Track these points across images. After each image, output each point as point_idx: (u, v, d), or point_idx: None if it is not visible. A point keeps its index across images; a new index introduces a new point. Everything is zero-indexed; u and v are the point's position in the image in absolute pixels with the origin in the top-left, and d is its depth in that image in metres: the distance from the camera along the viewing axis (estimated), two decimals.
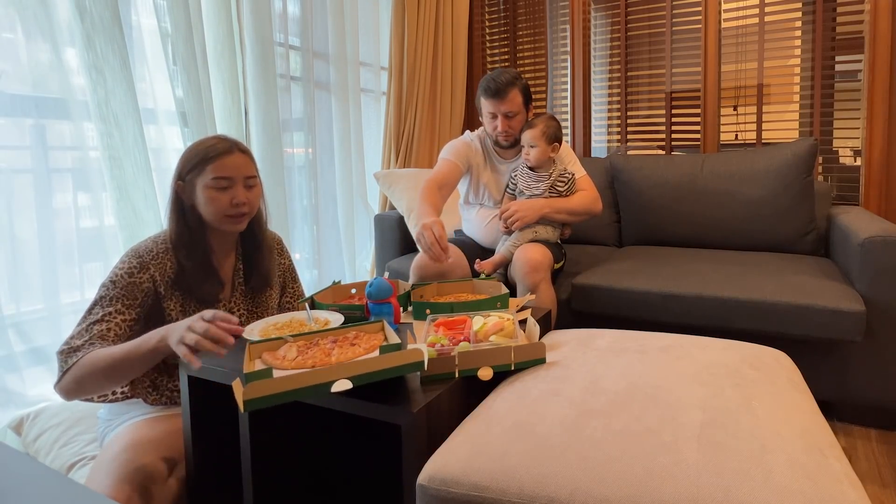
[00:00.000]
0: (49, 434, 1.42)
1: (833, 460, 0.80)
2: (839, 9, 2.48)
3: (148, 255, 1.27)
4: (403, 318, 1.41)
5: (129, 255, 1.26)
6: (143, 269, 1.25)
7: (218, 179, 1.27)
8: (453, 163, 2.03)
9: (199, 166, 1.27)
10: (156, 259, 1.27)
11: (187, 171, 1.29)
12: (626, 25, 2.93)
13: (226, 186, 1.28)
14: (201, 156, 1.28)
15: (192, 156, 1.29)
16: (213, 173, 1.26)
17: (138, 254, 1.26)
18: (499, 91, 1.92)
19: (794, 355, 1.68)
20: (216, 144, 1.29)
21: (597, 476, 0.77)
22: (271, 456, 1.13)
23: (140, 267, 1.25)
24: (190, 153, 1.30)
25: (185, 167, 1.29)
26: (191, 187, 1.29)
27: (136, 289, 1.24)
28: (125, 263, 1.25)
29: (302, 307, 1.47)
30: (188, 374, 1.15)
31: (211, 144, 1.29)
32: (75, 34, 1.60)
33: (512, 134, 2.00)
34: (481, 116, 2.05)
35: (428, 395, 0.97)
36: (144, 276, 1.25)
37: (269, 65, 2.17)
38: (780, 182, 2.18)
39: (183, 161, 1.30)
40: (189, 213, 1.31)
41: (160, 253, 1.29)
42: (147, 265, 1.26)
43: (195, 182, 1.28)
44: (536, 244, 1.89)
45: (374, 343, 1.13)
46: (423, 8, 2.92)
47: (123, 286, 1.23)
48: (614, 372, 1.08)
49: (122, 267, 1.25)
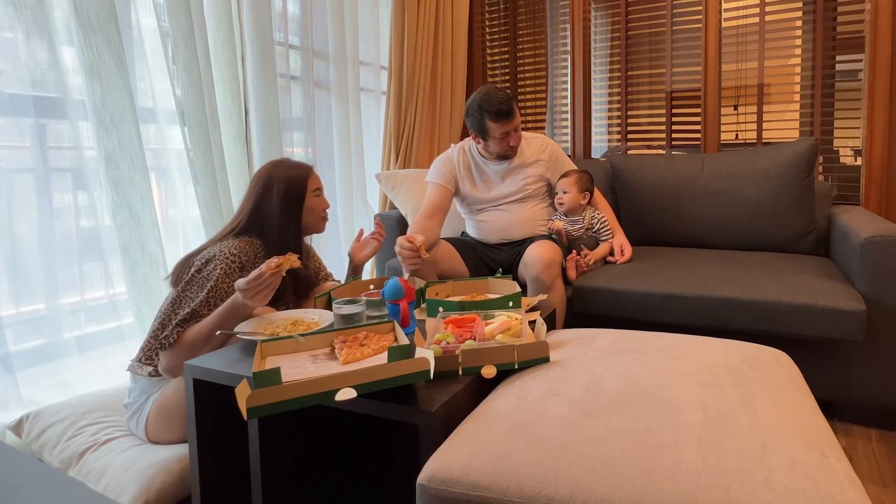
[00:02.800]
0: (54, 429, 1.43)
1: (833, 460, 0.80)
2: (840, 8, 2.48)
3: (244, 256, 1.42)
4: (418, 315, 1.43)
5: (222, 259, 1.38)
6: (241, 269, 1.40)
7: (317, 190, 1.59)
8: (442, 186, 2.10)
9: (303, 184, 1.55)
10: (249, 262, 1.44)
11: (300, 191, 1.54)
12: (626, 25, 2.93)
13: (320, 195, 1.60)
14: (298, 176, 1.55)
15: (292, 179, 1.54)
16: (314, 185, 1.58)
17: (237, 256, 1.41)
18: (510, 112, 1.99)
19: (794, 355, 1.68)
20: (301, 165, 1.59)
21: (597, 476, 0.77)
22: (280, 456, 1.13)
23: (241, 266, 1.40)
24: (289, 179, 1.53)
25: (293, 189, 1.53)
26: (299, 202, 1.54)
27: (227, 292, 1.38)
28: (220, 263, 1.38)
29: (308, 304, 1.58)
30: (193, 377, 1.15)
31: (299, 167, 1.58)
32: (72, 33, 1.60)
33: (518, 144, 2.10)
34: (480, 137, 2.07)
35: (443, 394, 0.97)
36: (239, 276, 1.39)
37: (269, 64, 2.17)
38: (780, 182, 2.18)
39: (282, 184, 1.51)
40: (296, 228, 1.53)
41: (255, 257, 1.46)
42: (245, 265, 1.41)
43: (304, 199, 1.55)
44: (548, 242, 1.92)
45: (384, 344, 1.13)
46: (423, 8, 2.92)
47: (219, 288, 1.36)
48: (614, 372, 1.08)
49: (219, 267, 1.37)
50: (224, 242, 1.43)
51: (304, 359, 1.12)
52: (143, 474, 1.23)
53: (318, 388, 0.92)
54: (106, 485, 1.23)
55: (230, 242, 1.43)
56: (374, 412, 0.97)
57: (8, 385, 1.53)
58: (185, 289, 1.36)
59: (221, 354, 1.20)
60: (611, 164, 2.57)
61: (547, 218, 2.15)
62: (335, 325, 1.27)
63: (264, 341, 1.12)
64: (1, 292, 1.54)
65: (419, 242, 1.65)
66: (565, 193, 2.08)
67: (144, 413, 1.36)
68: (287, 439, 1.16)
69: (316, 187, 1.59)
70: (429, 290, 1.53)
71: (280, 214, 1.51)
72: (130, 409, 1.40)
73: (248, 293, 1.24)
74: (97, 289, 1.75)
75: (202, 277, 1.36)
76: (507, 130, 2.00)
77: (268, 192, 1.51)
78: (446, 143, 3.12)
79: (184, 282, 1.37)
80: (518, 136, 2.06)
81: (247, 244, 1.45)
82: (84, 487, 0.48)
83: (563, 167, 2.17)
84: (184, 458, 1.28)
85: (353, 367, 1.04)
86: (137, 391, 1.39)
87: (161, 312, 1.35)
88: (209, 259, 1.38)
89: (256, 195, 1.52)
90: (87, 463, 1.31)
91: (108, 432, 1.40)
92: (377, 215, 1.87)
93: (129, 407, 1.41)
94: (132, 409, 1.39)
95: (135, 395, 1.40)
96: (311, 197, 1.57)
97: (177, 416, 1.33)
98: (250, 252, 1.45)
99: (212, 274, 1.36)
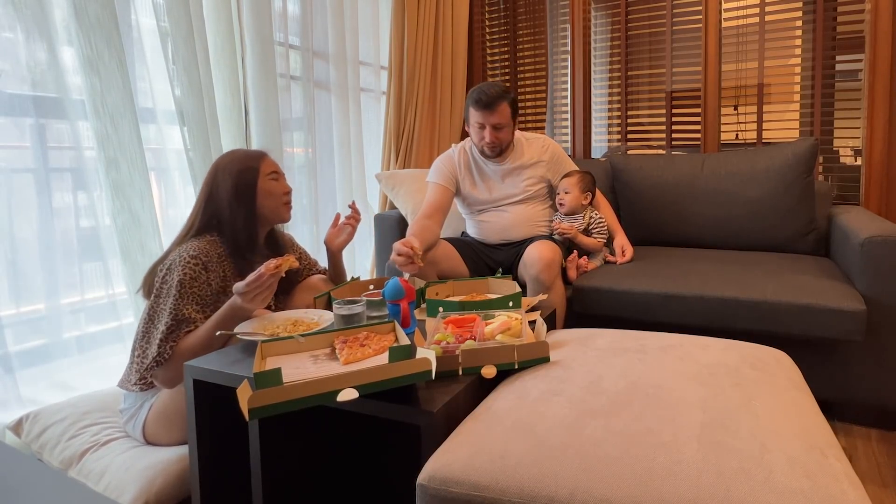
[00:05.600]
0: (54, 429, 1.43)
1: (833, 460, 0.80)
2: (840, 8, 2.48)
3: (205, 256, 1.35)
4: (418, 315, 1.42)
5: (181, 265, 1.32)
6: (205, 270, 1.35)
7: (272, 173, 1.48)
8: (442, 186, 2.09)
9: (253, 169, 1.45)
10: (213, 262, 1.38)
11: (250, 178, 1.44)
12: (626, 25, 2.93)
13: (277, 178, 1.49)
14: (246, 162, 1.46)
15: (236, 167, 1.44)
16: (267, 169, 1.47)
17: (196, 257, 1.34)
18: (489, 103, 1.96)
19: (794, 355, 1.68)
20: (249, 151, 1.50)
21: (597, 476, 0.77)
22: (280, 456, 1.13)
23: (204, 267, 1.35)
24: (232, 166, 1.44)
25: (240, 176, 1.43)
26: (252, 190, 1.44)
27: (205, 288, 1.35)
28: (185, 267, 1.32)
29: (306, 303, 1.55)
30: (193, 377, 1.15)
31: (245, 154, 1.48)
32: (72, 33, 1.60)
33: (498, 145, 2.04)
34: (467, 126, 2.08)
35: (444, 394, 0.97)
36: (204, 277, 1.35)
37: (269, 64, 2.17)
38: (780, 182, 2.18)
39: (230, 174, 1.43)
40: (249, 215, 1.44)
41: (218, 256, 1.40)
42: (206, 265, 1.35)
43: (256, 184, 1.44)
44: (548, 242, 1.92)
45: (385, 344, 1.13)
46: (423, 7, 2.92)
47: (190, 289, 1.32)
48: (614, 372, 1.08)
49: (185, 272, 1.31)
50: (183, 246, 1.37)
51: (304, 359, 1.12)
52: (142, 475, 1.23)
53: (320, 388, 0.91)
54: (106, 485, 1.24)
55: (188, 245, 1.36)
56: (375, 412, 0.97)
57: (8, 385, 1.53)
58: (156, 302, 1.32)
59: (221, 355, 1.20)
60: (611, 164, 2.57)
61: (548, 219, 2.15)
62: (335, 325, 1.27)
63: (265, 342, 1.12)
64: (1, 292, 1.54)
65: (417, 249, 1.57)
66: (567, 193, 2.08)
67: (141, 417, 1.36)
68: (287, 439, 1.16)
69: (271, 171, 1.49)
70: (429, 290, 1.53)
71: (232, 204, 1.42)
72: (126, 415, 1.39)
73: (248, 296, 1.23)
74: (97, 289, 1.75)
75: (168, 288, 1.31)
76: (482, 122, 1.99)
77: (216, 183, 1.44)
78: (446, 143, 3.12)
79: (153, 295, 1.33)
80: (496, 136, 2.00)
81: (207, 243, 1.39)
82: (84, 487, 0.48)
83: (564, 168, 2.16)
84: (183, 459, 1.28)
85: (354, 367, 1.04)
86: (133, 398, 1.39)
87: (140, 331, 1.32)
88: (170, 268, 1.33)
89: (207, 190, 1.45)
90: (88, 463, 1.31)
91: (108, 433, 1.40)
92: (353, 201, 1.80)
93: (125, 412, 1.40)
94: (128, 415, 1.39)
95: (130, 402, 1.39)
96: (266, 180, 1.46)
97: (176, 418, 1.32)
98: (211, 251, 1.39)
99: (174, 282, 1.31)
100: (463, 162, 2.15)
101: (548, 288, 1.80)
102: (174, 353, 1.27)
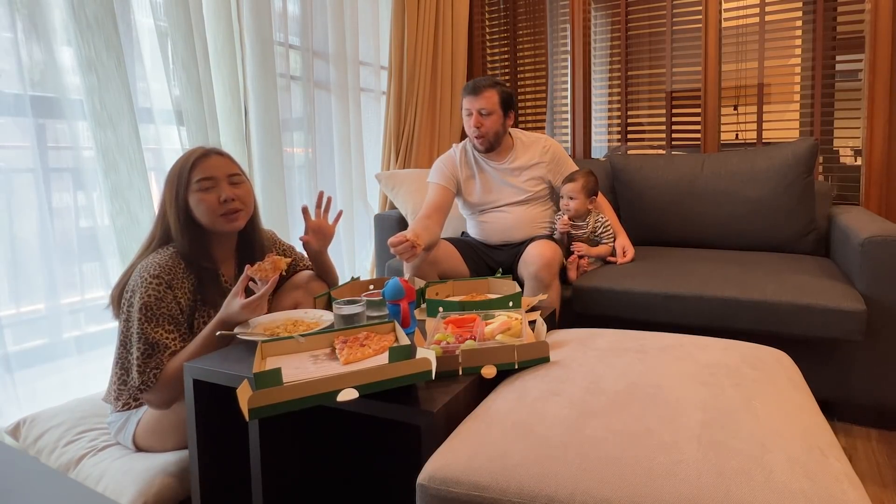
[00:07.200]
0: (52, 433, 1.42)
1: (833, 460, 0.80)
2: (840, 8, 2.48)
3: (167, 274, 1.28)
4: (418, 315, 1.42)
5: (142, 287, 1.25)
6: (169, 288, 1.28)
7: (201, 181, 1.30)
8: (442, 187, 2.09)
9: (183, 177, 1.31)
10: (177, 278, 1.31)
11: (180, 188, 1.31)
12: (626, 25, 2.93)
13: (210, 187, 1.31)
14: (180, 167, 1.32)
15: (173, 174, 1.33)
16: (196, 176, 1.30)
17: (159, 276, 1.27)
18: (475, 88, 2.00)
19: (794, 355, 1.68)
20: (191, 153, 1.34)
21: (597, 476, 0.77)
22: (280, 457, 1.13)
23: (168, 286, 1.28)
24: (171, 172, 1.34)
25: (175, 186, 1.32)
26: (183, 202, 1.32)
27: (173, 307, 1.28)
28: (147, 289, 1.25)
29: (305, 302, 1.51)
30: (193, 377, 1.15)
31: (186, 156, 1.34)
32: (70, 33, 1.60)
33: (484, 135, 2.03)
34: (463, 120, 2.11)
35: (444, 394, 0.97)
36: (171, 296, 1.29)
37: (269, 64, 2.17)
38: (780, 182, 2.18)
39: (169, 183, 1.33)
40: (193, 227, 1.34)
41: (183, 269, 1.32)
42: (170, 283, 1.29)
43: (187, 196, 1.32)
44: (548, 241, 1.92)
45: (385, 344, 1.13)
46: (423, 7, 2.92)
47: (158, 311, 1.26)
48: (614, 372, 1.08)
49: (148, 294, 1.25)
50: (143, 263, 1.29)
51: (304, 359, 1.12)
52: (142, 476, 1.22)
53: (320, 388, 0.91)
54: (104, 488, 1.23)
55: (149, 262, 1.28)
56: (376, 412, 0.97)
57: (7, 385, 1.53)
58: (126, 326, 1.27)
59: (221, 355, 1.20)
60: (611, 164, 2.57)
61: (549, 220, 2.16)
62: (335, 325, 1.27)
63: (265, 342, 1.12)
64: (1, 292, 1.54)
65: (410, 236, 1.56)
66: (572, 200, 2.06)
67: (130, 430, 1.32)
68: (287, 439, 1.16)
69: (202, 177, 1.30)
70: (429, 290, 1.53)
71: (174, 217, 1.31)
72: (114, 427, 1.36)
73: (248, 309, 1.24)
74: (97, 289, 1.74)
75: (133, 312, 1.25)
76: (469, 108, 2.02)
77: (163, 192, 1.34)
78: (446, 143, 3.12)
79: (122, 318, 1.28)
80: (482, 121, 2.00)
81: (168, 258, 1.30)
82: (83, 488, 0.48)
83: (565, 169, 2.16)
84: (182, 460, 1.27)
85: (355, 367, 1.04)
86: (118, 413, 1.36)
87: (116, 355, 1.28)
88: (133, 290, 1.26)
89: (161, 198, 1.34)
90: (85, 468, 1.30)
91: (104, 439, 1.38)
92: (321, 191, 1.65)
93: (112, 424, 1.37)
94: (115, 427, 1.36)
95: (116, 415, 1.36)
96: (194, 192, 1.30)
97: (168, 428, 1.29)
98: (175, 266, 1.30)
99: (137, 306, 1.25)
100: (464, 162, 2.15)
101: (546, 286, 1.80)
102: (161, 379, 1.23)
